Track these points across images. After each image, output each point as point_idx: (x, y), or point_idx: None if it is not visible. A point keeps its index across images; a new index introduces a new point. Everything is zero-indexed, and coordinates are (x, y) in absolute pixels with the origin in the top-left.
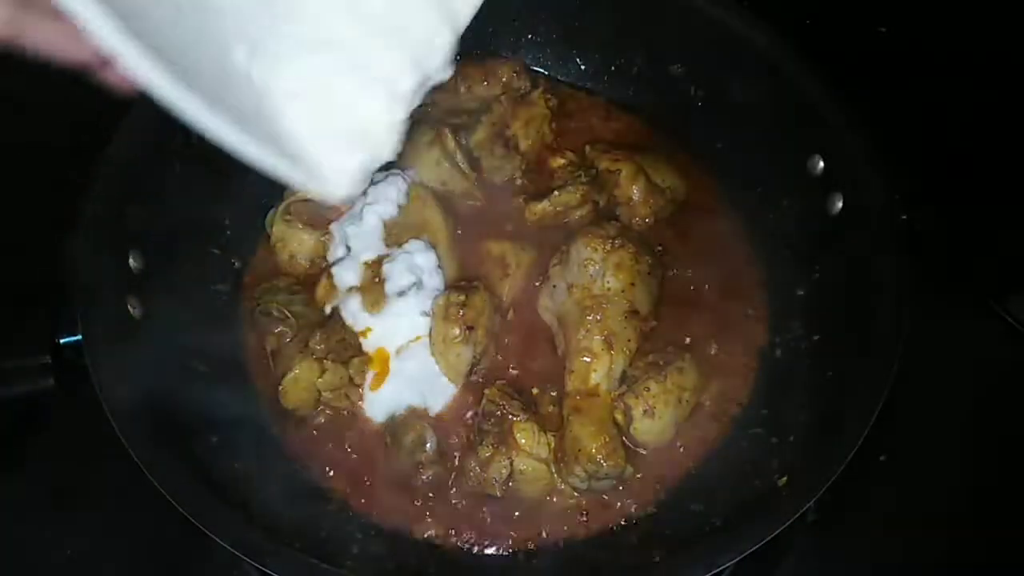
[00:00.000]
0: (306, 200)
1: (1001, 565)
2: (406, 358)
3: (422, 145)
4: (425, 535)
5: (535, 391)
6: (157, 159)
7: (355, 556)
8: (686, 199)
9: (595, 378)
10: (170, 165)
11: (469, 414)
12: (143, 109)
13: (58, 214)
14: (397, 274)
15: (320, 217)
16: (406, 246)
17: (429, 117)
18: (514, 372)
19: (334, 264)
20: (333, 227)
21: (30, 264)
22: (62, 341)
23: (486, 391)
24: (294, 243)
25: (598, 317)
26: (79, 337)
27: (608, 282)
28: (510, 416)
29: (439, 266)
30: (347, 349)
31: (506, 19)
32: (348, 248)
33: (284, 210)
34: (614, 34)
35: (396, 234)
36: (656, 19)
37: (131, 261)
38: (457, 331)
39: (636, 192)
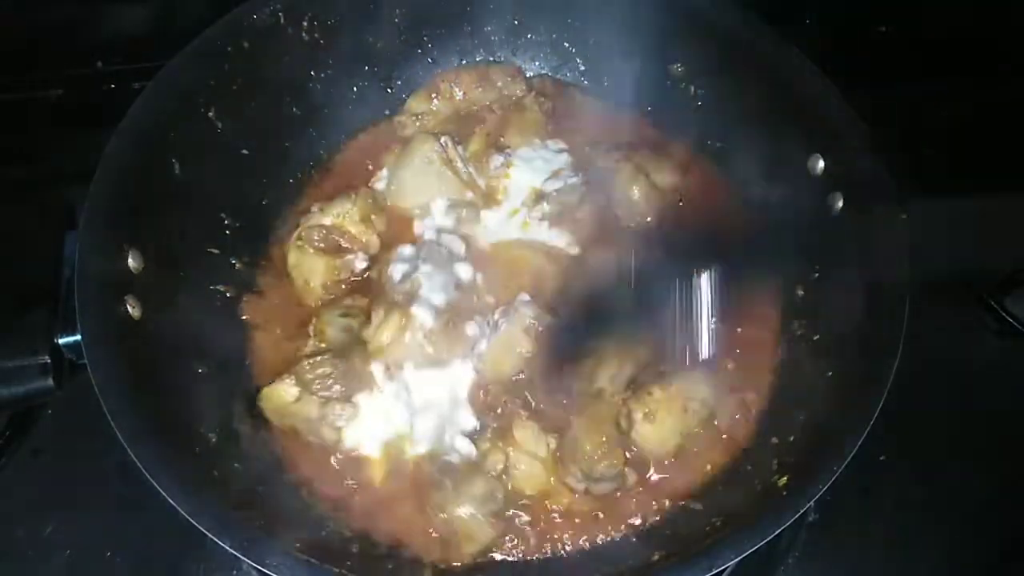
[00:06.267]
0: (320, 225)
1: (1001, 565)
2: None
3: (422, 156)
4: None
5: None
6: (156, 159)
7: (355, 556)
8: (687, 198)
9: (601, 381)
10: (169, 165)
11: None
12: (142, 110)
13: (58, 214)
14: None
15: (333, 243)
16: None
17: (426, 127)
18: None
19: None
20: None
21: (30, 264)
22: (62, 341)
23: (490, 386)
24: (306, 269)
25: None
26: (79, 337)
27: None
28: (515, 412)
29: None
30: (330, 389)
31: (506, 19)
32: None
33: (297, 236)
34: (614, 34)
35: None
36: (657, 19)
37: (131, 261)
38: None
39: (636, 191)
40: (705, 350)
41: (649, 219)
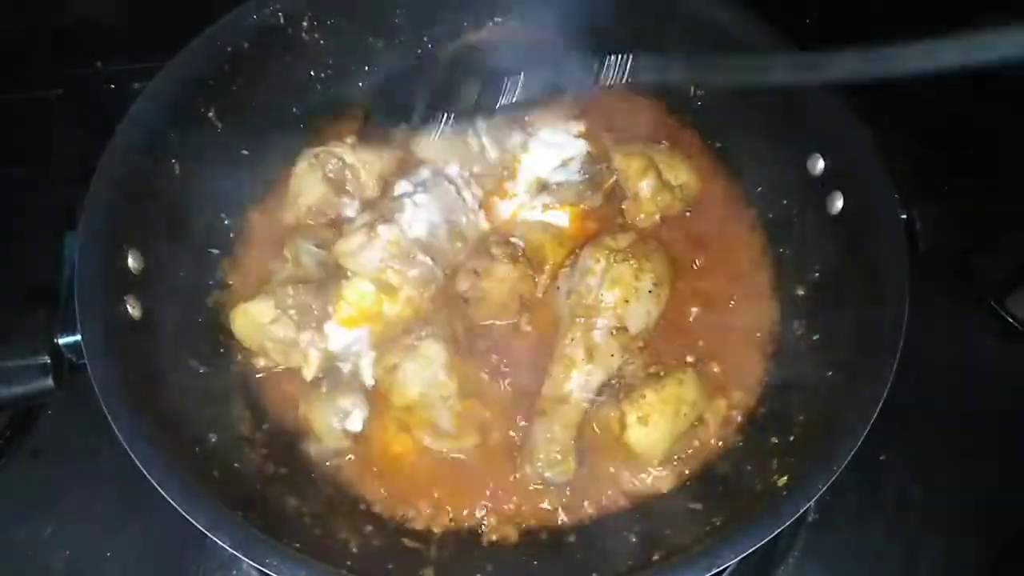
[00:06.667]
0: (341, 158)
1: (1001, 565)
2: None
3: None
4: (422, 526)
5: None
6: (156, 159)
7: (355, 556)
8: (697, 199)
9: (568, 386)
10: (169, 165)
11: None
12: (142, 110)
13: (58, 214)
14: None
15: (341, 179)
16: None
17: None
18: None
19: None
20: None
21: (30, 264)
22: (62, 341)
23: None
24: (305, 184)
25: (585, 328)
26: (79, 337)
27: (603, 295)
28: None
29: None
30: (309, 316)
31: (505, 17)
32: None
33: (315, 154)
34: (614, 34)
35: None
36: (657, 19)
37: (131, 261)
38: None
39: (645, 188)
40: (693, 351)
41: (656, 216)
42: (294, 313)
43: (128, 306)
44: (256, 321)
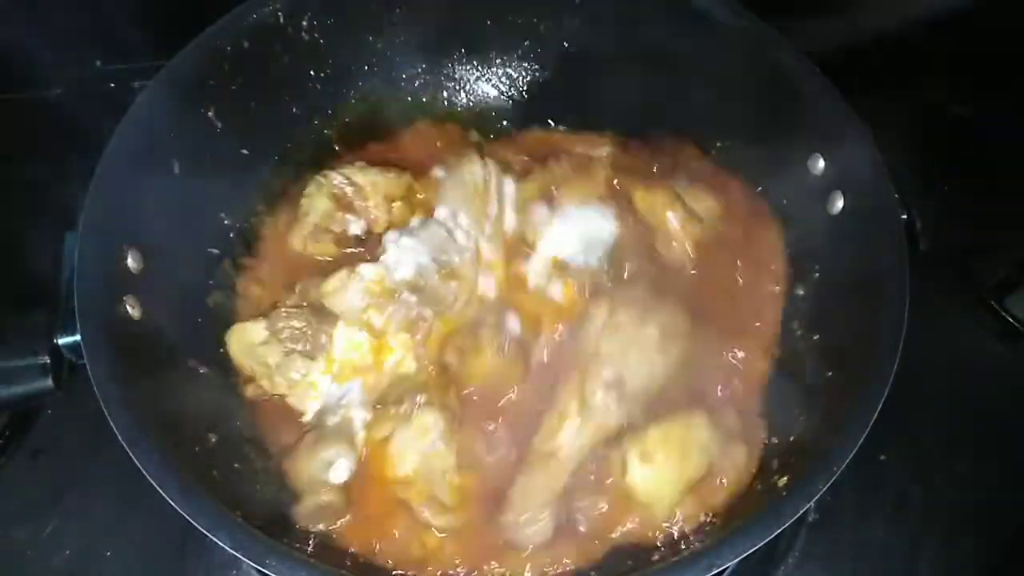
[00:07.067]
0: (349, 177)
1: (1002, 565)
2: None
3: (459, 175)
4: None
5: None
6: (156, 159)
7: (355, 556)
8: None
9: (558, 439)
10: (169, 165)
11: None
12: (142, 110)
13: (58, 214)
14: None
15: (348, 198)
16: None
17: (495, 151)
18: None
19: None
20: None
21: (30, 264)
22: (62, 341)
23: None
24: (313, 202)
25: (581, 378)
26: (78, 337)
27: (603, 344)
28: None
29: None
30: (301, 342)
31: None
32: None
33: (324, 172)
34: (613, 31)
35: None
36: (654, 18)
37: (131, 261)
38: None
39: (673, 219)
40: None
41: (689, 246)
42: (286, 338)
43: (128, 306)
44: (248, 341)
